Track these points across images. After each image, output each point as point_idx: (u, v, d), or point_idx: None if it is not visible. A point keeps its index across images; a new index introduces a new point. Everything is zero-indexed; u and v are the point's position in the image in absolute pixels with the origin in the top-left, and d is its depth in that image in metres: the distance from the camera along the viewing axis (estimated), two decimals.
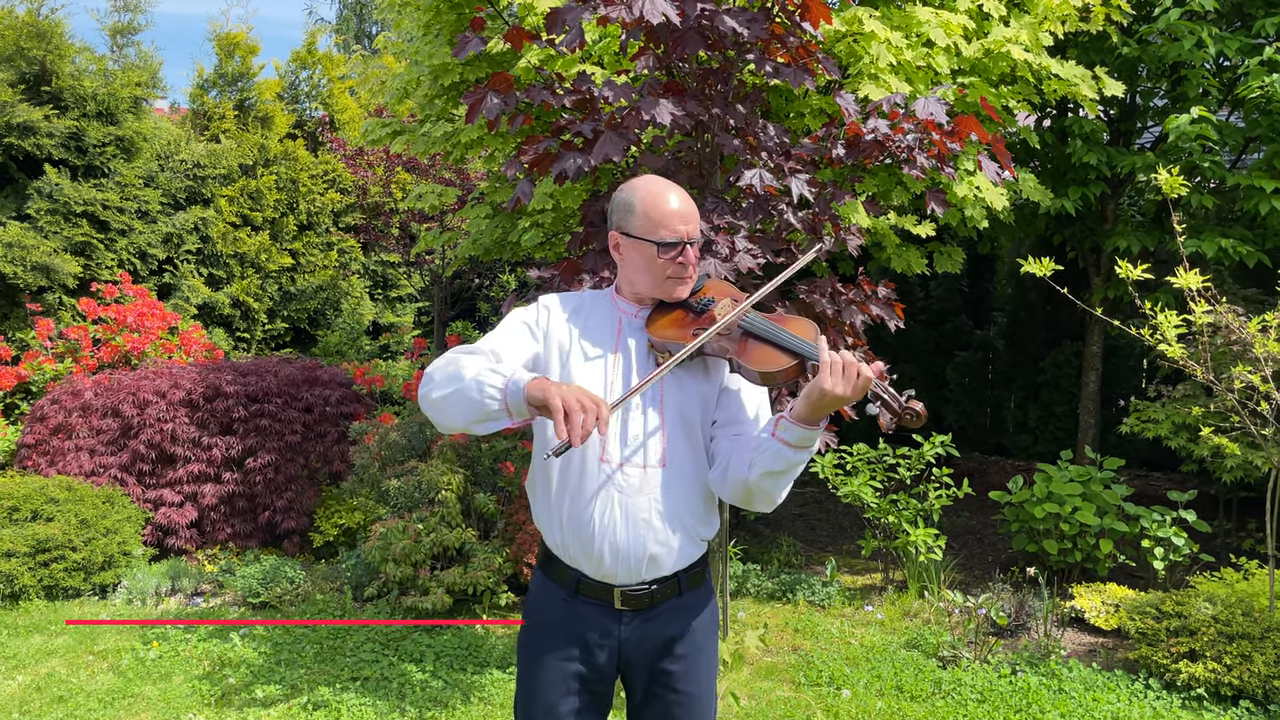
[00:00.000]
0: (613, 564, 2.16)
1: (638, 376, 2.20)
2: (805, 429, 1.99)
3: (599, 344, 2.23)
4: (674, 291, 2.23)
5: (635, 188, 2.23)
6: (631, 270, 2.25)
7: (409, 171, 10.29)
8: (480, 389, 1.93)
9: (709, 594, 2.33)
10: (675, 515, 2.18)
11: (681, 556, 2.20)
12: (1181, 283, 4.57)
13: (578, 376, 2.18)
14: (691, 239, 2.19)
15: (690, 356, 2.19)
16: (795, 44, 4.04)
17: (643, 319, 2.26)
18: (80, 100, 8.41)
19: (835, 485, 5.78)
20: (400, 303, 12.04)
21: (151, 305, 8.09)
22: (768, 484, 2.06)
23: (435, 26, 6.05)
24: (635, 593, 2.19)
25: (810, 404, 1.97)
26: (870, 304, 4.16)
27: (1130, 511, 5.64)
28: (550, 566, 2.28)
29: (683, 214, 2.19)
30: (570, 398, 1.83)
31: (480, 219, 6.41)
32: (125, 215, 8.68)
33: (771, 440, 2.02)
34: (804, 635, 5.08)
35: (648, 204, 2.18)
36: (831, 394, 1.93)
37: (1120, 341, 8.33)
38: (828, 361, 1.94)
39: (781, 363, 2.07)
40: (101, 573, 5.76)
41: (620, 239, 2.25)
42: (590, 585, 2.20)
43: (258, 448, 6.41)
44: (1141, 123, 6.98)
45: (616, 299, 2.31)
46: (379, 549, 5.32)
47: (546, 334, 2.23)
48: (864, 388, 1.93)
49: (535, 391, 1.86)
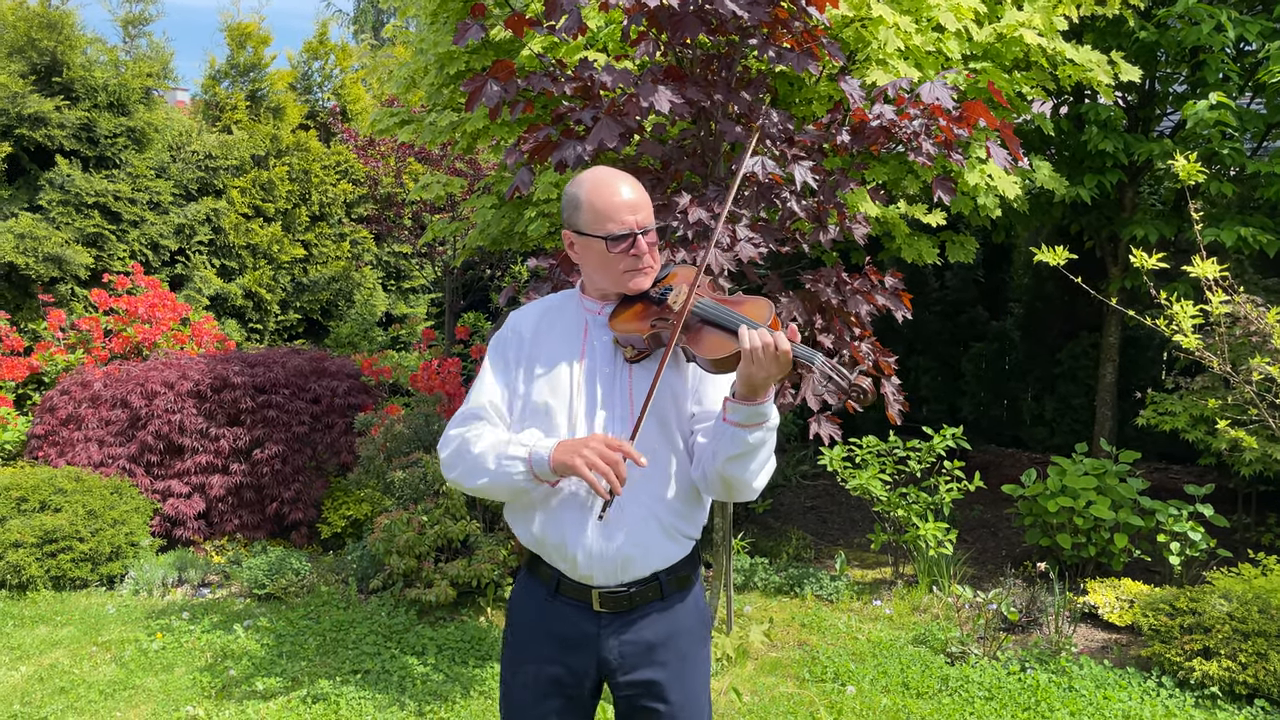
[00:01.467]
0: (587, 564, 2.10)
1: (602, 375, 2.16)
2: (749, 405, 1.95)
3: (565, 349, 2.19)
4: (633, 284, 2.17)
5: (582, 181, 2.17)
6: (588, 268, 2.20)
7: (421, 162, 10.25)
8: (507, 475, 2.04)
9: (696, 597, 2.25)
10: (650, 512, 2.11)
11: (660, 556, 2.13)
12: (1198, 271, 4.46)
13: (545, 385, 2.15)
14: (643, 228, 2.13)
15: (650, 349, 2.14)
16: (800, 29, 3.96)
17: (606, 315, 2.20)
18: (91, 91, 8.42)
19: (844, 478, 5.70)
20: (413, 294, 12.03)
21: (163, 296, 8.09)
22: (735, 469, 2.01)
23: (442, 15, 5.99)
24: (613, 594, 2.13)
25: (743, 383, 1.95)
26: (876, 294, 4.09)
27: (1146, 505, 5.53)
28: (534, 564, 2.23)
29: (631, 204, 2.12)
30: (592, 455, 1.93)
31: (486, 209, 6.36)
32: (137, 206, 8.69)
33: (723, 425, 1.99)
34: (810, 630, 5.02)
35: (593, 197, 2.12)
36: (757, 375, 1.91)
37: (1139, 332, 8.19)
38: (746, 348, 1.91)
39: (729, 348, 2.00)
40: (109, 563, 5.76)
41: (573, 237, 2.19)
42: (570, 585, 2.15)
43: (265, 439, 6.40)
44: (1161, 109, 6.84)
45: (582, 299, 2.26)
46: (383, 541, 5.29)
47: (518, 355, 2.21)
48: (786, 362, 1.90)
49: (559, 461, 1.97)
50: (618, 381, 2.14)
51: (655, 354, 2.14)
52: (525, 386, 2.17)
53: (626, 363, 2.15)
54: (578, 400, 2.12)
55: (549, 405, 2.12)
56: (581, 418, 2.12)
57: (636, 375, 2.14)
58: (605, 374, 2.14)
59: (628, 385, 2.13)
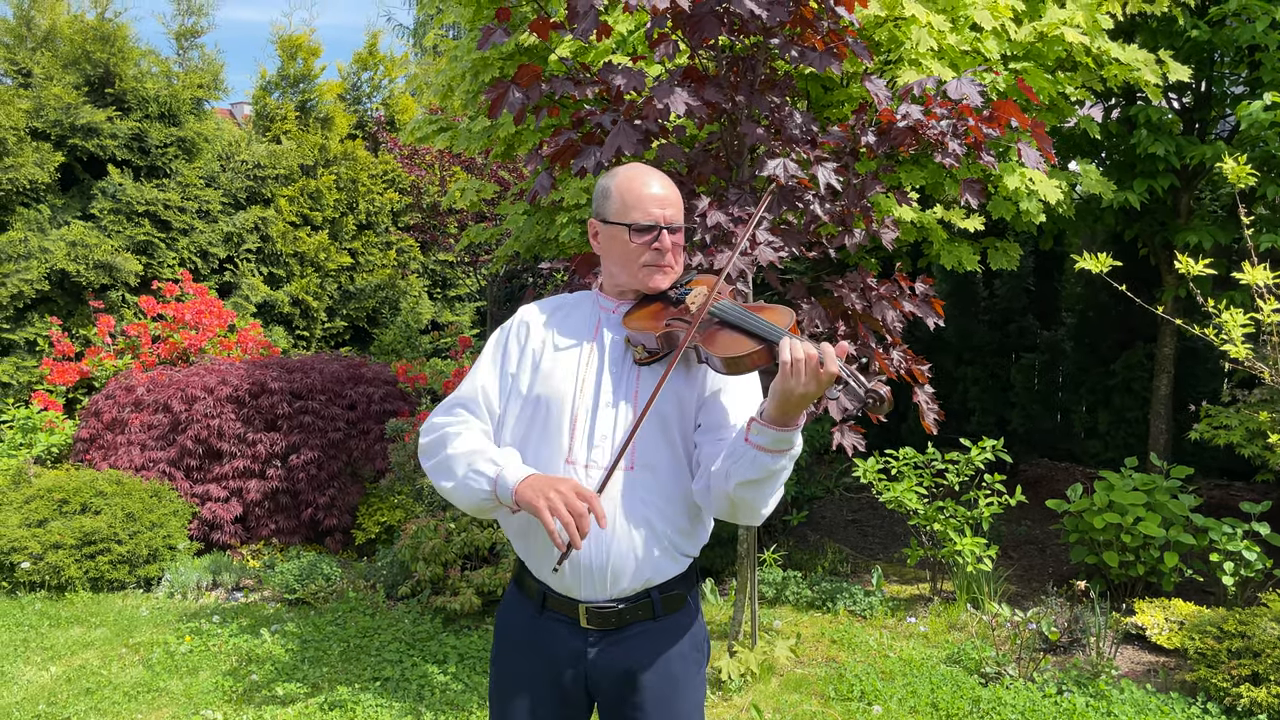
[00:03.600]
0: (573, 576, 2.01)
1: (610, 375, 2.06)
2: (779, 430, 1.82)
3: (573, 343, 2.10)
4: (651, 281, 2.09)
5: (615, 173, 2.13)
6: (609, 258, 2.14)
7: (466, 170, 10.31)
8: (469, 488, 1.95)
9: (691, 620, 2.14)
10: (645, 524, 2.00)
11: (653, 571, 2.02)
12: (1249, 278, 4.26)
13: (549, 378, 2.06)
14: (670, 224, 2.06)
15: (662, 349, 2.05)
16: (828, 29, 3.86)
17: (621, 313, 2.13)
18: (143, 102, 8.60)
19: (878, 490, 5.56)
20: (459, 301, 12.09)
21: (210, 303, 8.22)
22: (748, 494, 1.89)
23: (479, 22, 5.99)
24: (601, 610, 2.03)
25: (777, 403, 1.81)
26: (904, 300, 3.96)
27: (1199, 523, 5.30)
28: (521, 579, 2.15)
29: (660, 198, 2.07)
30: (558, 501, 1.81)
31: (519, 216, 6.34)
32: (186, 215, 8.85)
33: (745, 446, 1.86)
34: (840, 646, 4.88)
35: (624, 188, 2.08)
36: (795, 391, 1.77)
37: (1198, 343, 7.89)
38: (787, 360, 1.77)
39: (745, 347, 1.91)
40: (146, 566, 5.83)
41: (598, 226, 2.14)
42: (556, 599, 2.06)
43: (301, 444, 6.44)
44: (1218, 111, 6.59)
45: (599, 296, 2.18)
46: (410, 548, 5.28)
47: (523, 348, 2.12)
48: (828, 380, 1.76)
49: (523, 495, 1.86)
50: (624, 382, 2.05)
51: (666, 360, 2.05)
52: (529, 377, 2.08)
53: (636, 365, 2.06)
54: (581, 397, 2.03)
55: (550, 400, 2.03)
56: (584, 416, 2.02)
57: (644, 379, 2.05)
58: (614, 373, 2.06)
59: (634, 388, 2.04)
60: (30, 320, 8.23)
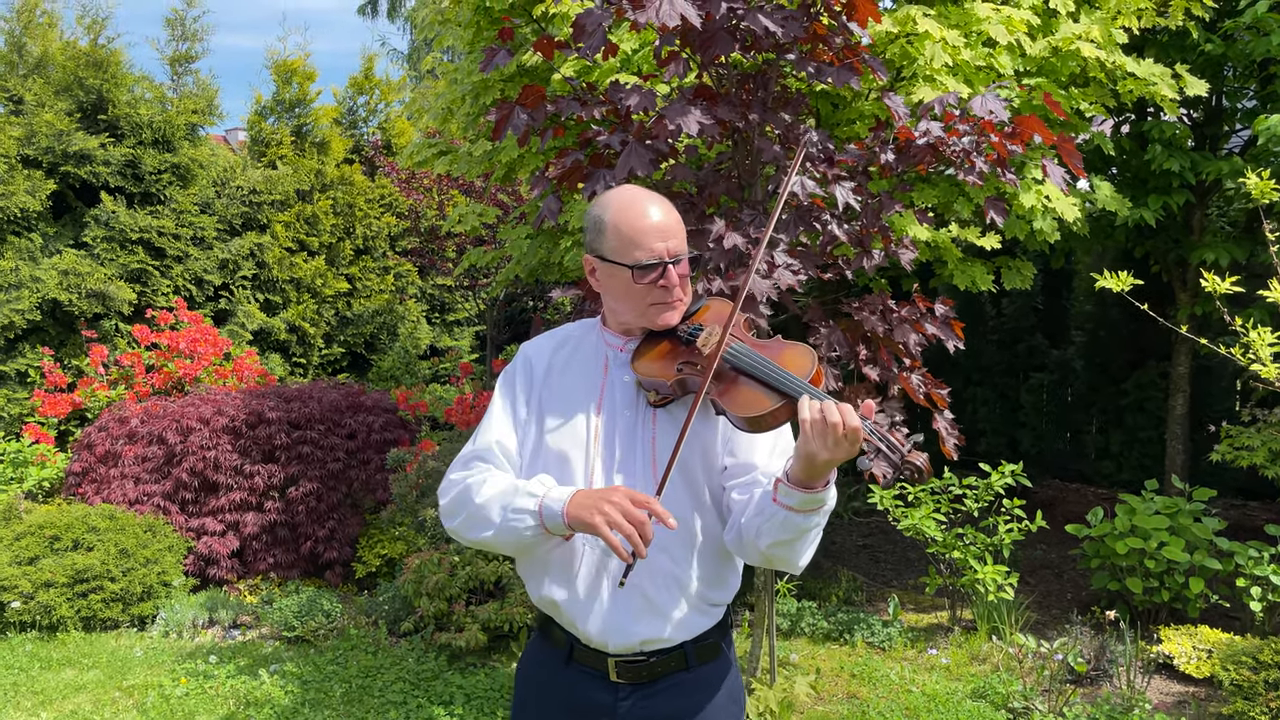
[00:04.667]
0: (601, 633, 1.87)
1: (624, 419, 1.92)
2: (807, 493, 1.68)
3: (583, 388, 1.96)
4: (660, 319, 1.93)
5: (607, 202, 1.93)
6: (611, 298, 1.96)
7: (464, 194, 10.20)
8: (513, 530, 1.80)
9: (726, 669, 2.00)
10: (673, 580, 1.88)
11: (684, 628, 1.89)
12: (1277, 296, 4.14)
13: (560, 429, 1.92)
14: (674, 256, 1.89)
15: (677, 395, 1.90)
16: (841, 45, 3.75)
17: (629, 352, 1.97)
18: (136, 128, 8.48)
19: (896, 517, 5.40)
20: (458, 326, 11.96)
21: (205, 331, 8.07)
22: (782, 553, 1.77)
23: (479, 44, 5.89)
24: (632, 664, 1.89)
25: (803, 465, 1.66)
26: (925, 322, 3.82)
27: (1224, 547, 5.15)
28: (547, 628, 2.00)
29: (661, 229, 1.88)
30: (615, 513, 1.67)
31: (522, 240, 6.21)
32: (181, 242, 8.72)
33: (774, 506, 1.72)
34: (861, 681, 4.71)
35: (619, 220, 1.88)
36: (819, 456, 1.62)
37: (1211, 362, 7.78)
38: (807, 419, 1.62)
39: (766, 405, 1.74)
40: (140, 604, 5.66)
41: (595, 263, 1.94)
42: (584, 652, 1.92)
43: (300, 476, 6.28)
44: (1229, 126, 6.50)
45: (604, 332, 2.03)
46: (413, 582, 5.12)
47: (529, 391, 1.98)
48: (855, 442, 1.60)
49: (576, 516, 1.73)
50: (640, 429, 1.91)
51: (682, 400, 1.91)
52: (537, 428, 1.95)
53: (650, 407, 1.92)
54: (594, 447, 1.90)
55: (564, 452, 1.91)
56: (599, 467, 1.89)
57: (661, 423, 1.91)
58: (626, 418, 1.92)
59: (650, 434, 1.90)
60: (21, 351, 8.07)
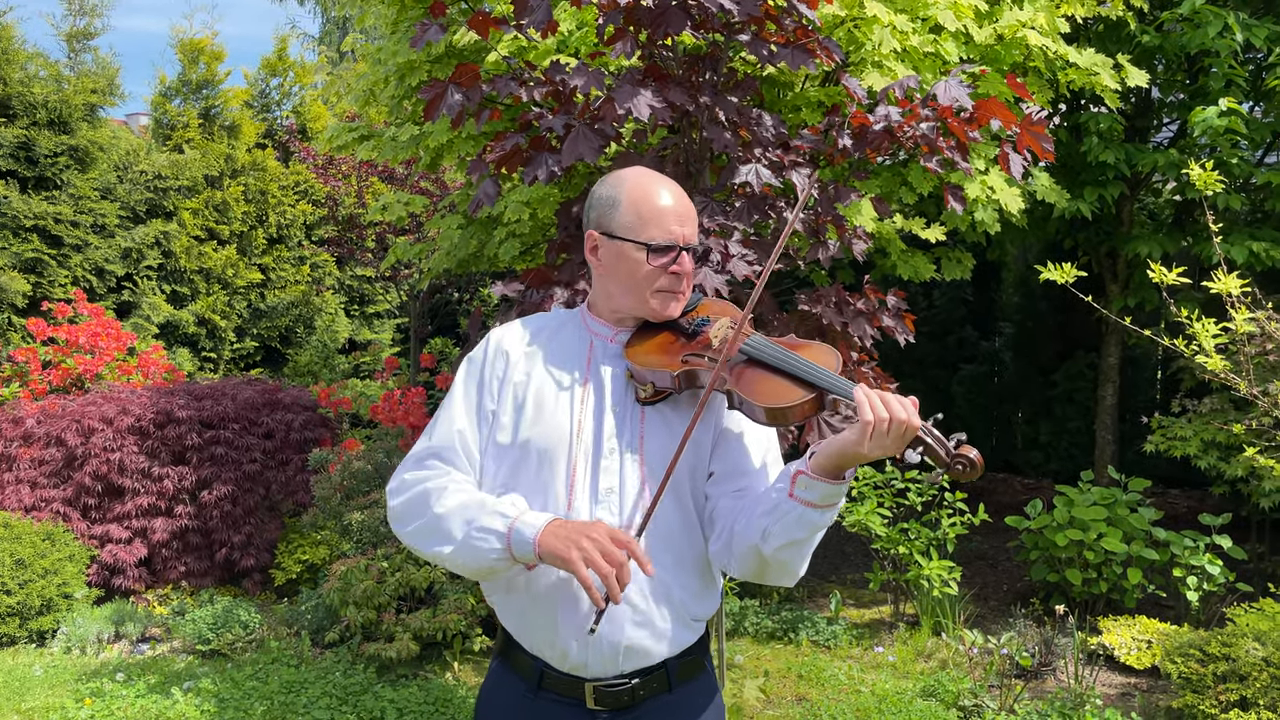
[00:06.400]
0: (581, 653, 1.69)
1: (613, 415, 1.74)
2: (832, 484, 1.55)
3: (564, 377, 1.77)
4: (663, 309, 1.78)
5: (623, 179, 1.79)
6: (612, 280, 1.80)
7: (385, 181, 9.82)
8: (475, 550, 1.62)
9: (709, 688, 1.85)
10: (662, 592, 1.72)
11: (670, 643, 1.74)
12: (1221, 288, 4.12)
13: (537, 422, 1.73)
14: (689, 243, 1.75)
15: (680, 389, 1.73)
16: (792, 26, 3.60)
17: (620, 343, 1.80)
18: (30, 108, 7.94)
19: (840, 513, 5.30)
20: (378, 319, 11.57)
21: (106, 325, 7.60)
22: (789, 555, 1.63)
23: (403, 23, 5.60)
24: (612, 689, 1.72)
25: (838, 458, 1.54)
26: (881, 315, 3.71)
27: (1160, 537, 5.18)
28: (509, 654, 1.81)
29: (679, 213, 1.75)
30: (593, 551, 1.51)
31: (453, 230, 5.94)
32: (80, 229, 8.20)
33: (790, 502, 1.58)
34: (809, 682, 4.60)
35: (637, 198, 1.75)
36: (868, 453, 1.51)
37: (1136, 353, 7.90)
38: (868, 409, 1.49)
39: (793, 396, 1.60)
40: (39, 618, 5.27)
41: (600, 240, 1.79)
42: (556, 679, 1.74)
43: (213, 478, 5.92)
44: (1158, 118, 6.56)
45: (589, 318, 1.85)
46: (339, 591, 4.84)
47: (502, 381, 1.78)
48: (908, 438, 1.49)
49: (550, 549, 1.56)
50: (628, 425, 1.74)
51: (676, 399, 1.75)
52: (511, 418, 1.75)
53: (639, 404, 1.75)
54: (578, 444, 1.72)
55: (542, 446, 1.72)
56: (584, 465, 1.72)
57: (650, 422, 1.74)
58: (616, 414, 1.75)
59: (639, 432, 1.74)
60: None
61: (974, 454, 1.50)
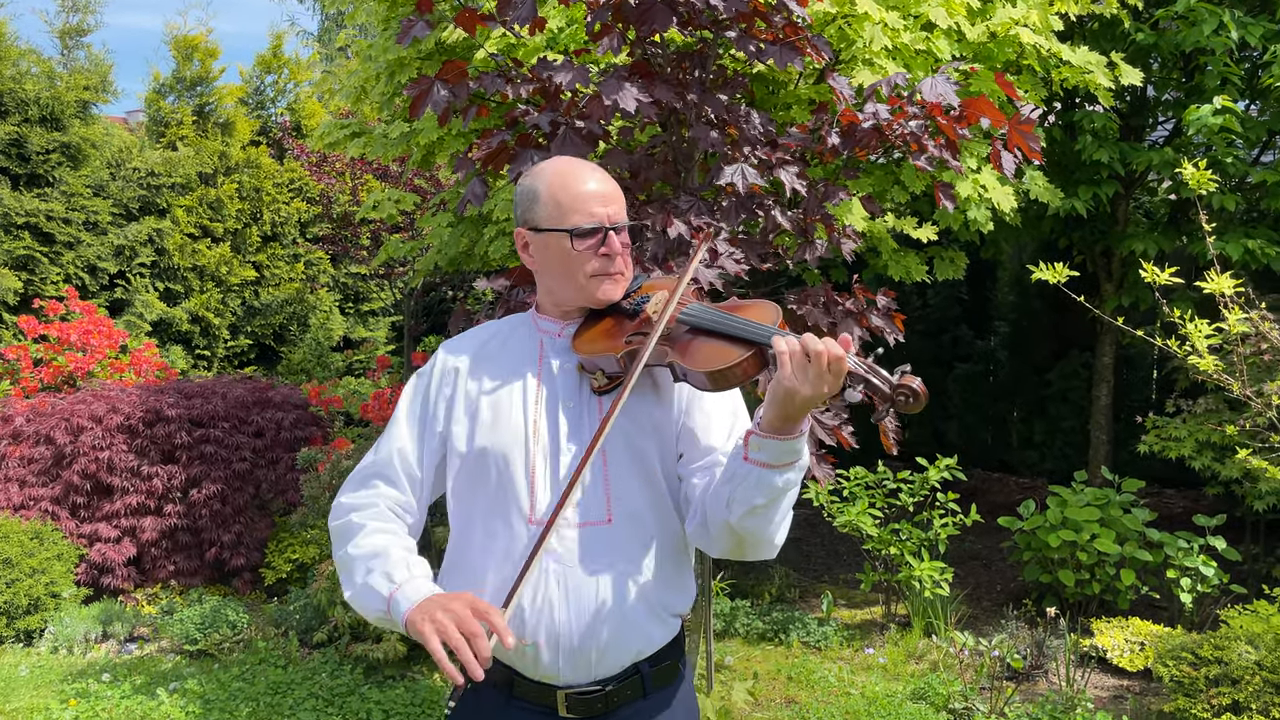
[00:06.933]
0: (552, 659, 1.67)
1: (565, 411, 1.72)
2: (782, 439, 1.52)
3: (516, 379, 1.75)
4: (601, 293, 1.75)
5: (540, 171, 1.78)
6: (548, 274, 1.79)
7: (379, 179, 9.79)
8: (364, 604, 1.66)
9: (685, 692, 1.82)
10: (634, 586, 1.69)
11: (645, 641, 1.71)
12: (1214, 287, 4.09)
13: (491, 429, 1.72)
14: (615, 223, 1.73)
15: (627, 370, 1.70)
16: (781, 23, 3.56)
17: (568, 336, 1.78)
18: (22, 105, 7.91)
19: (832, 514, 5.28)
20: (372, 317, 11.53)
21: (99, 322, 7.57)
22: (756, 523, 1.58)
23: (393, 20, 5.57)
24: (585, 696, 1.69)
25: (779, 407, 1.50)
26: (870, 315, 3.67)
27: (1153, 538, 5.15)
28: None
29: (602, 195, 1.73)
30: (447, 622, 1.47)
31: (443, 228, 5.91)
32: (72, 227, 8.17)
33: (746, 466, 1.55)
34: (798, 684, 4.57)
35: (555, 187, 1.73)
36: (800, 393, 1.46)
37: (1131, 352, 7.86)
38: (785, 350, 1.47)
39: (731, 356, 1.58)
40: (26, 617, 5.24)
41: (528, 235, 1.78)
42: (527, 687, 1.71)
43: (203, 477, 5.89)
44: (1153, 117, 6.52)
45: (538, 318, 1.84)
46: (327, 590, 4.81)
47: (452, 395, 1.77)
48: (840, 374, 1.46)
49: (411, 622, 1.55)
50: (585, 418, 1.73)
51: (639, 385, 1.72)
52: (466, 427, 1.74)
53: (594, 394, 1.73)
54: (535, 445, 1.70)
55: (499, 451, 1.71)
56: (543, 466, 1.70)
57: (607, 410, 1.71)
58: (571, 409, 1.73)
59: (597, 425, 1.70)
60: None
61: (917, 383, 1.46)
